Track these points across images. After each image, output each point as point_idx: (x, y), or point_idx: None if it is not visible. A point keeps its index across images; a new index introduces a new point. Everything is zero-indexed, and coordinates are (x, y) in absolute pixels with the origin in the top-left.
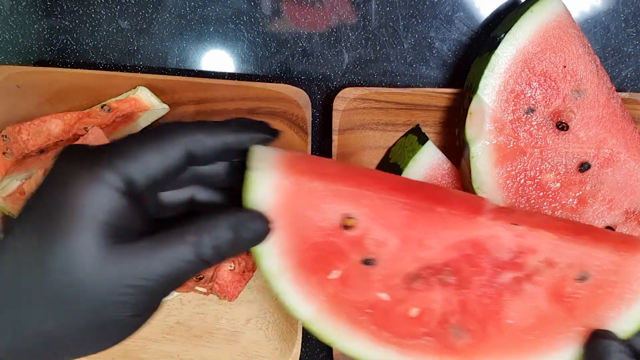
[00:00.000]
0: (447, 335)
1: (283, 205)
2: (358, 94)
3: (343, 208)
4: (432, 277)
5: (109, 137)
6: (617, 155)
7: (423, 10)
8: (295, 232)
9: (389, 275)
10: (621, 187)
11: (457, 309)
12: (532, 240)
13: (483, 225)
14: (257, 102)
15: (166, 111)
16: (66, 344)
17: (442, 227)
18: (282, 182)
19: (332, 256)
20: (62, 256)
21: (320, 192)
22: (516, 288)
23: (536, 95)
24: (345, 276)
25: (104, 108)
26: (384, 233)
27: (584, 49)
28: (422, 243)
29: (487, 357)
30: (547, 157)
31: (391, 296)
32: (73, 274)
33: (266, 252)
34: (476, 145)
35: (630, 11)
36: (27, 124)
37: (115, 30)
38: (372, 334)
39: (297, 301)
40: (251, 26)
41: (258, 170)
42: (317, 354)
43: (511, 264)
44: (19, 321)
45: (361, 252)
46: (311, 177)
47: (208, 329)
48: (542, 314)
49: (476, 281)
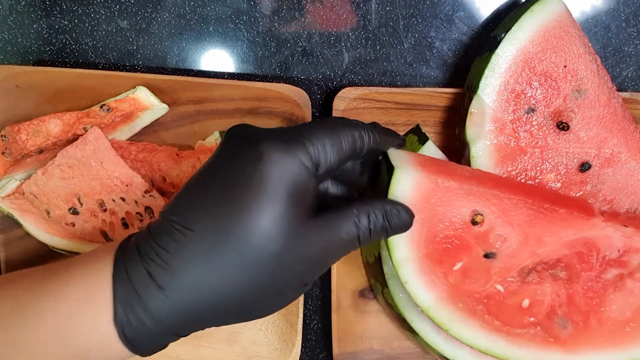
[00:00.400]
0: (553, 325)
1: (421, 200)
2: (358, 94)
3: (473, 205)
4: (545, 272)
5: (108, 137)
6: (617, 155)
7: (423, 9)
8: (429, 225)
9: (506, 269)
10: (622, 187)
11: (564, 302)
12: (637, 240)
13: (597, 226)
14: (257, 102)
15: (165, 111)
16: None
17: (562, 226)
18: (422, 179)
19: (458, 249)
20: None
21: (454, 191)
22: (619, 284)
23: (537, 95)
24: (467, 268)
25: (103, 108)
26: (507, 229)
27: (585, 48)
28: (540, 240)
29: (588, 347)
30: (548, 157)
31: (505, 288)
32: (265, 243)
33: (399, 241)
34: (476, 145)
35: (630, 11)
36: (26, 124)
37: (114, 30)
38: (485, 322)
39: (420, 289)
40: (251, 26)
41: (402, 169)
42: (317, 354)
43: (617, 262)
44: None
45: (484, 247)
46: (446, 176)
47: (208, 330)
48: (638, 309)
49: (584, 276)
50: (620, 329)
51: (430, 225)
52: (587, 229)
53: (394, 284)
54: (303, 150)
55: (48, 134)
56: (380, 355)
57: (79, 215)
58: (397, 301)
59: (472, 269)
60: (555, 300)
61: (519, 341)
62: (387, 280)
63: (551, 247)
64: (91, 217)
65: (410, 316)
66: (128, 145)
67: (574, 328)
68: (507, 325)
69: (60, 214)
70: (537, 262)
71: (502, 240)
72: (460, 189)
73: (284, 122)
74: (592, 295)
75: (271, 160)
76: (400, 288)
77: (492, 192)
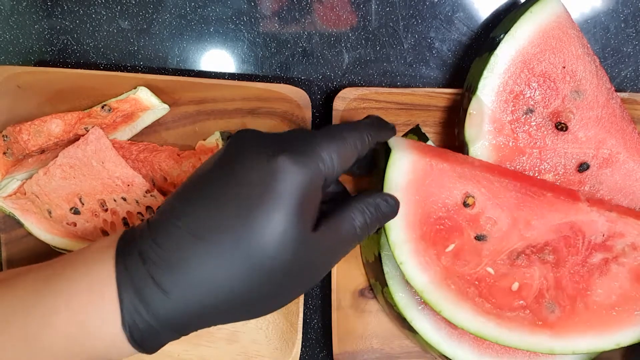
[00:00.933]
0: (542, 309)
1: (416, 181)
2: (358, 94)
3: (465, 188)
4: (533, 255)
5: (110, 137)
6: (616, 156)
7: (423, 10)
8: (423, 206)
9: (496, 251)
10: (620, 187)
11: (552, 285)
12: (621, 225)
13: (583, 210)
14: (257, 102)
15: (166, 111)
16: (247, 308)
17: (548, 210)
18: (417, 162)
19: (450, 231)
20: (267, 236)
21: (447, 172)
22: (604, 268)
23: (535, 96)
24: (459, 250)
25: (104, 108)
26: (497, 212)
27: (584, 49)
28: (529, 224)
29: (575, 331)
30: (546, 158)
31: (496, 271)
32: (274, 252)
33: (395, 224)
34: (475, 146)
35: (629, 11)
36: (27, 124)
37: (115, 30)
38: (476, 305)
39: (414, 271)
40: (251, 26)
41: (399, 151)
42: (317, 354)
43: (602, 246)
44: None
45: (475, 229)
46: (440, 160)
47: (208, 329)
48: (624, 293)
49: (571, 260)
50: (606, 313)
51: (425, 207)
52: (573, 213)
53: (394, 283)
54: (316, 166)
55: (49, 134)
56: (380, 354)
57: (80, 215)
58: (397, 300)
59: (464, 251)
60: (543, 284)
61: (509, 324)
62: (387, 280)
63: (539, 231)
64: (92, 217)
65: (410, 315)
66: (129, 146)
67: (562, 312)
68: (497, 308)
69: (61, 214)
70: (525, 245)
71: (492, 223)
72: (453, 171)
73: (284, 122)
74: (579, 279)
75: (287, 177)
76: (400, 287)
77: (483, 175)
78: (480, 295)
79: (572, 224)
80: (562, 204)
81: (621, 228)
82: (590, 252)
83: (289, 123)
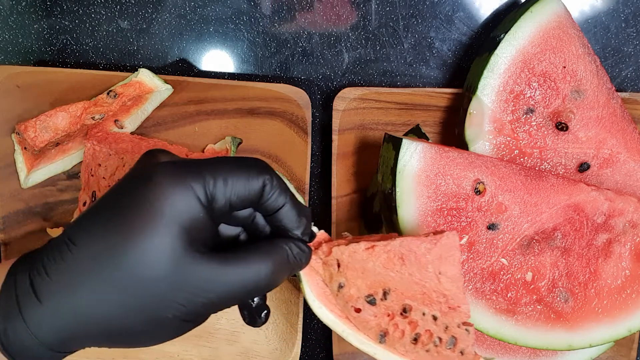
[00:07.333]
0: (555, 300)
1: (427, 170)
2: (358, 94)
3: (475, 174)
4: (544, 242)
5: (123, 123)
6: (616, 156)
7: (423, 10)
8: (434, 199)
9: (508, 240)
10: (621, 187)
11: (563, 273)
12: (619, 203)
13: (584, 190)
14: (257, 102)
15: (170, 92)
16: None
17: (554, 193)
18: (427, 149)
19: (462, 220)
20: (139, 251)
21: (457, 160)
22: (607, 250)
23: (536, 96)
24: (472, 242)
25: (109, 94)
26: (508, 197)
27: (584, 49)
28: (537, 207)
29: (590, 321)
30: (547, 158)
31: (509, 262)
32: (145, 269)
33: (409, 218)
34: (475, 145)
35: (630, 11)
36: (32, 121)
37: (115, 30)
38: (492, 304)
39: None
40: (251, 26)
41: (409, 141)
42: (317, 354)
43: (604, 226)
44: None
45: (487, 218)
46: (449, 149)
47: (208, 329)
48: (628, 274)
49: (578, 244)
50: (616, 297)
51: (437, 196)
52: (576, 193)
53: None
54: (198, 181)
55: (56, 128)
56: None
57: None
58: None
59: (477, 243)
60: (555, 273)
61: (525, 322)
62: None
63: (547, 215)
64: (383, 315)
65: None
66: (139, 141)
67: (574, 301)
68: (512, 304)
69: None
70: (536, 231)
71: (503, 210)
72: (462, 157)
73: (284, 122)
74: (587, 263)
75: (159, 189)
76: None
77: (491, 160)
78: (495, 290)
79: (575, 205)
80: (565, 185)
81: (619, 206)
82: (595, 234)
83: (289, 123)
